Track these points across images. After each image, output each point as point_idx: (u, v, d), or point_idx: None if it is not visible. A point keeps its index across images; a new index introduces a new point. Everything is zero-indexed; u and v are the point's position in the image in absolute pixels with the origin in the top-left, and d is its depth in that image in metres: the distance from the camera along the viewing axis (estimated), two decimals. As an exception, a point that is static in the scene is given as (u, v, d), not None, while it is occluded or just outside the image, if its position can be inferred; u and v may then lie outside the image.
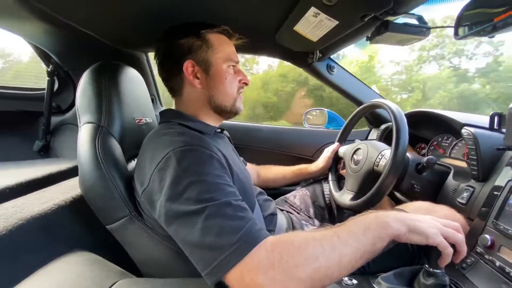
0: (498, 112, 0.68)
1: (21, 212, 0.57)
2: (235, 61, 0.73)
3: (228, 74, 0.71)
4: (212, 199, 0.49)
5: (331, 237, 0.46)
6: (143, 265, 0.68)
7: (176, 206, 0.50)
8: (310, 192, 1.04)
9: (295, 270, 0.43)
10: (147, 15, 0.75)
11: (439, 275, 0.50)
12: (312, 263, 0.43)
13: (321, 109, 1.51)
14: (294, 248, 0.45)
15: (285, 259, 0.43)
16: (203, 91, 0.70)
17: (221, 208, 0.48)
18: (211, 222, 0.47)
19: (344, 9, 0.67)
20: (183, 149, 0.55)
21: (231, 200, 0.50)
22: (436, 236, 0.47)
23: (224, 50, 0.71)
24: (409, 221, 0.49)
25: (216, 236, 0.46)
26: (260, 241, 0.45)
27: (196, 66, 0.69)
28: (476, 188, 0.74)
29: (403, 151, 0.73)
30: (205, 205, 0.48)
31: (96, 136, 0.67)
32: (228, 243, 0.45)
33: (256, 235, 0.46)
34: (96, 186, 0.65)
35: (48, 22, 0.76)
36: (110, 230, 0.67)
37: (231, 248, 0.44)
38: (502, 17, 0.48)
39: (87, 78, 0.73)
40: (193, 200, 0.49)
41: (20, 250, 0.54)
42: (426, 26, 0.68)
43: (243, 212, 0.50)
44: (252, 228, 0.47)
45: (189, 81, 0.69)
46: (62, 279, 0.51)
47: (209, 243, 0.46)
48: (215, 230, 0.46)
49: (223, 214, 0.48)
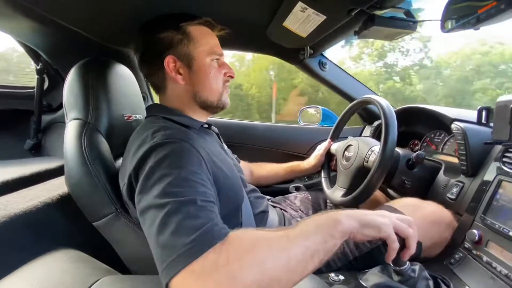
0: (486, 106, 0.68)
1: (5, 209, 0.57)
2: (219, 53, 0.70)
3: (212, 68, 0.68)
4: (178, 195, 0.47)
5: (280, 237, 0.44)
6: (130, 262, 0.68)
7: (144, 199, 0.49)
8: (312, 197, 1.03)
9: (240, 273, 0.39)
10: (134, 11, 0.74)
11: (404, 272, 0.49)
12: (258, 266, 0.40)
13: (316, 107, 1.50)
14: (241, 247, 0.42)
15: (231, 260, 0.40)
16: (187, 87, 0.68)
17: (184, 205, 0.45)
18: (170, 219, 0.44)
19: (331, 3, 0.67)
20: (162, 141, 0.54)
21: (198, 199, 0.47)
22: (387, 227, 0.46)
23: (207, 43, 0.68)
24: (361, 215, 0.47)
25: (171, 234, 0.43)
26: (216, 243, 0.42)
27: (178, 61, 0.66)
28: (465, 183, 0.74)
29: (392, 147, 0.73)
30: (168, 200, 0.46)
31: (83, 132, 0.67)
32: (181, 243, 0.41)
33: (213, 236, 0.43)
34: (82, 183, 0.64)
35: (36, 20, 0.76)
36: (97, 227, 0.67)
37: (182, 249, 0.41)
38: (485, 9, 0.48)
39: (74, 74, 0.72)
40: (160, 193, 0.47)
41: (3, 247, 0.53)
42: (413, 20, 0.67)
43: (208, 213, 0.47)
44: (211, 229, 0.44)
45: (172, 77, 0.67)
46: (45, 275, 0.51)
47: (163, 241, 0.43)
48: (171, 228, 0.43)
49: (184, 212, 0.45)
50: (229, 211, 0.64)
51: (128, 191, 0.56)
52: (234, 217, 0.69)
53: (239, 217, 0.71)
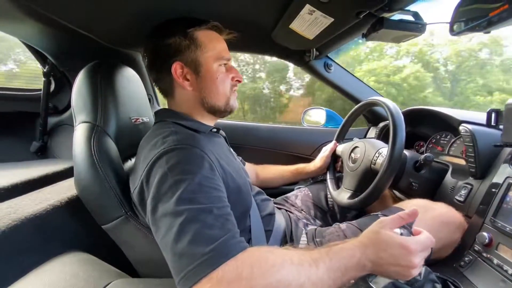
0: (495, 109, 0.68)
1: (15, 212, 0.57)
2: (226, 58, 0.70)
3: (220, 73, 0.68)
4: (194, 201, 0.47)
5: (309, 266, 0.45)
6: (139, 265, 0.68)
7: (159, 205, 0.49)
8: (312, 194, 1.03)
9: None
10: (142, 14, 0.74)
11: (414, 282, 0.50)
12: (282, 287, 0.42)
13: (319, 108, 1.50)
14: (267, 266, 0.43)
15: (255, 275, 0.41)
16: (195, 93, 0.68)
17: (201, 214, 0.46)
18: (188, 227, 0.45)
19: (339, 6, 0.66)
20: (174, 147, 0.54)
21: (214, 207, 0.48)
22: (416, 272, 0.48)
23: (214, 48, 0.68)
24: (390, 273, 0.48)
25: (190, 243, 0.43)
26: (235, 254, 0.43)
27: (185, 67, 0.66)
28: (474, 185, 0.73)
29: (400, 149, 0.73)
30: (185, 208, 0.46)
31: (92, 135, 0.67)
32: (200, 252, 0.42)
33: (232, 247, 0.44)
34: (91, 186, 0.65)
35: (44, 23, 0.76)
36: (106, 230, 0.67)
37: (201, 258, 0.42)
38: (497, 12, 0.48)
39: (83, 77, 0.72)
40: (175, 200, 0.47)
41: (14, 251, 0.54)
42: (422, 22, 0.67)
43: (224, 222, 0.48)
44: (230, 240, 0.45)
45: (179, 83, 0.67)
46: (56, 279, 0.51)
47: (181, 249, 0.44)
48: (189, 236, 0.44)
49: (201, 220, 0.46)
50: (238, 215, 0.64)
51: (139, 195, 0.57)
52: (243, 221, 0.69)
53: (247, 220, 0.71)
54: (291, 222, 0.88)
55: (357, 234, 0.59)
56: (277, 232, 0.80)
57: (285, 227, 0.84)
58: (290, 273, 0.43)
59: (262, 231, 0.75)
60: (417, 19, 0.67)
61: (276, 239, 0.78)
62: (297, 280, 0.43)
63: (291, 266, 0.44)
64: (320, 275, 0.45)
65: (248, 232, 0.70)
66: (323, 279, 0.45)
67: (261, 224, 0.75)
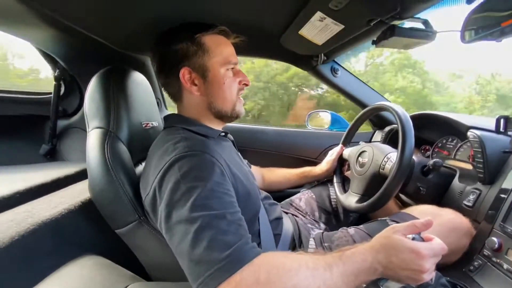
0: (504, 116, 0.69)
1: (32, 217, 0.58)
2: (233, 62, 0.70)
3: (227, 78, 0.69)
4: (208, 208, 0.48)
5: (324, 270, 0.46)
6: (152, 269, 0.69)
7: (173, 213, 0.50)
8: (316, 196, 1.03)
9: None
10: (152, 20, 0.75)
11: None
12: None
13: (324, 111, 1.51)
14: (284, 271, 0.44)
15: (273, 280, 0.43)
16: (202, 98, 0.69)
17: (215, 220, 0.47)
18: (203, 234, 0.46)
19: (351, 13, 0.67)
20: (185, 154, 0.55)
21: (227, 212, 0.49)
22: (428, 276, 0.49)
23: (221, 53, 0.68)
24: (401, 277, 0.49)
25: (206, 249, 0.45)
26: (250, 259, 0.45)
27: (193, 72, 0.67)
28: (482, 190, 0.74)
29: (410, 155, 0.73)
30: (199, 214, 0.47)
31: (105, 141, 0.68)
32: (216, 258, 0.44)
33: (247, 253, 0.45)
34: (105, 191, 0.65)
35: (56, 28, 0.77)
36: (119, 234, 0.67)
37: (219, 264, 0.43)
38: (510, 22, 0.49)
39: (96, 83, 0.73)
40: (189, 207, 0.48)
41: (32, 255, 0.54)
42: (432, 30, 0.68)
43: (238, 228, 0.49)
44: (244, 246, 0.46)
45: (187, 88, 0.68)
46: (74, 283, 0.52)
47: (198, 256, 0.45)
48: (205, 242, 0.45)
49: (216, 226, 0.47)
50: (248, 219, 0.65)
51: (151, 202, 0.57)
52: (252, 225, 0.70)
53: (256, 225, 0.72)
54: (298, 227, 0.89)
55: (366, 239, 0.60)
56: (286, 237, 0.80)
57: (293, 232, 0.84)
58: (306, 277, 0.44)
59: (271, 235, 0.75)
60: (427, 27, 0.68)
61: (285, 243, 0.78)
62: (313, 284, 0.44)
63: (307, 270, 0.45)
64: (334, 279, 0.46)
65: (258, 236, 0.71)
66: (337, 283, 0.46)
67: (270, 228, 0.76)
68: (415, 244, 0.49)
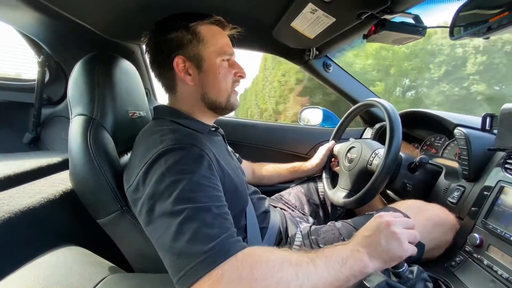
0: (490, 113, 0.69)
1: (8, 205, 0.56)
2: (229, 53, 0.68)
3: (222, 69, 0.67)
4: (193, 201, 0.47)
5: (307, 265, 0.45)
6: (134, 261, 0.68)
7: (156, 206, 0.49)
8: (304, 190, 1.04)
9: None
10: (141, 5, 0.73)
11: (401, 274, 0.51)
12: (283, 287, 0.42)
13: (316, 107, 1.51)
14: (268, 267, 0.43)
15: (255, 276, 0.41)
16: (196, 88, 0.67)
17: (200, 212, 0.46)
18: (186, 226, 0.44)
19: (342, 6, 0.67)
20: (173, 147, 0.53)
21: (212, 205, 0.48)
22: (411, 250, 0.51)
23: (216, 43, 0.67)
24: (383, 253, 0.49)
25: (188, 242, 0.43)
26: (234, 253, 0.43)
27: (187, 61, 0.65)
28: (466, 188, 0.75)
29: (396, 151, 0.74)
30: (184, 207, 0.46)
31: (88, 128, 0.66)
32: (198, 251, 0.42)
33: (230, 246, 0.44)
34: (87, 180, 0.64)
35: (40, 11, 0.74)
36: (101, 225, 0.66)
37: (200, 257, 0.42)
38: (497, 18, 0.49)
39: (80, 68, 0.71)
40: (173, 200, 0.47)
41: (6, 244, 0.52)
42: (423, 25, 0.68)
43: (223, 221, 0.48)
44: (229, 239, 0.45)
45: (181, 78, 0.66)
46: (50, 273, 0.50)
47: (179, 248, 0.43)
48: (188, 235, 0.44)
49: (200, 219, 0.45)
50: (234, 214, 0.64)
51: (133, 194, 0.56)
52: (238, 219, 0.69)
53: (243, 219, 0.71)
54: (286, 221, 0.89)
55: (352, 233, 0.60)
56: (272, 230, 0.80)
57: (280, 225, 0.84)
58: (289, 274, 0.43)
59: (257, 229, 0.75)
60: (417, 22, 0.68)
61: (271, 236, 0.78)
62: (295, 281, 0.43)
63: (290, 267, 0.44)
64: (319, 272, 0.45)
65: (244, 231, 0.70)
66: (322, 276, 0.45)
67: (256, 223, 0.76)
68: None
